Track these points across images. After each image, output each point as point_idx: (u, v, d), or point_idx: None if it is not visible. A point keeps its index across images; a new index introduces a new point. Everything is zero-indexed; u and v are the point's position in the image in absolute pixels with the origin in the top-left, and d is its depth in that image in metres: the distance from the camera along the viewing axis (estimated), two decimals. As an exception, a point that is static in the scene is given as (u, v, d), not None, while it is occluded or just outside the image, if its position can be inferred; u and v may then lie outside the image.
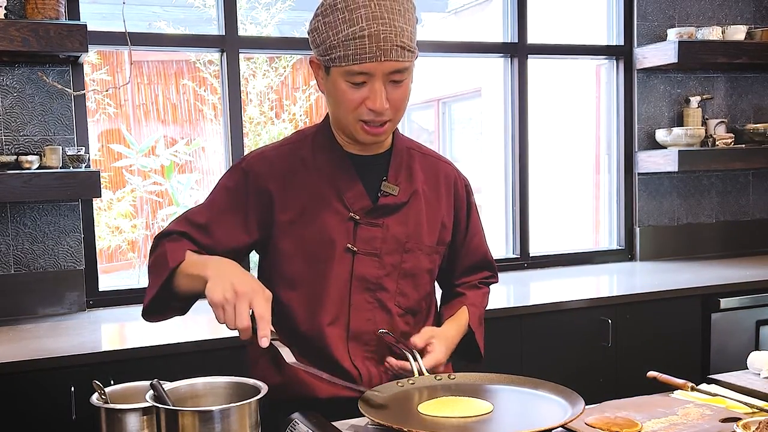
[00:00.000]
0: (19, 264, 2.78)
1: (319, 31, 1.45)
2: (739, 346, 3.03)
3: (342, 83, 1.44)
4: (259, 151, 1.60)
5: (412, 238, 1.58)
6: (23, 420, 2.19)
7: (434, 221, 1.62)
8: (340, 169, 1.55)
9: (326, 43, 1.43)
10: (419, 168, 1.62)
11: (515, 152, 3.57)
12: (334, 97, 1.48)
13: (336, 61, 1.42)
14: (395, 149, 1.60)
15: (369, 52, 1.39)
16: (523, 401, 1.40)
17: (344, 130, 1.52)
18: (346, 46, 1.39)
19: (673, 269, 3.48)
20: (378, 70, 1.40)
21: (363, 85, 1.43)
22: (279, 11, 5.66)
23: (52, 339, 2.44)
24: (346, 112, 1.47)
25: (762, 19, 3.87)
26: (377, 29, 1.38)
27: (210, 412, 1.12)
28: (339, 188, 1.54)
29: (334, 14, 1.41)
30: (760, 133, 3.65)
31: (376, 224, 1.55)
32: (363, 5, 1.39)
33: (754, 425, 1.19)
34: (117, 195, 5.60)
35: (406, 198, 1.58)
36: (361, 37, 1.38)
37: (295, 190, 1.54)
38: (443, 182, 1.66)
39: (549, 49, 3.73)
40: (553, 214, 6.13)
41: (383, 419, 1.27)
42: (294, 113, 5.95)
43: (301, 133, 1.63)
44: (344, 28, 1.39)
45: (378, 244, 1.55)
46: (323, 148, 1.56)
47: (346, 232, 1.53)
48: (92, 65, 5.32)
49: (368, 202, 1.54)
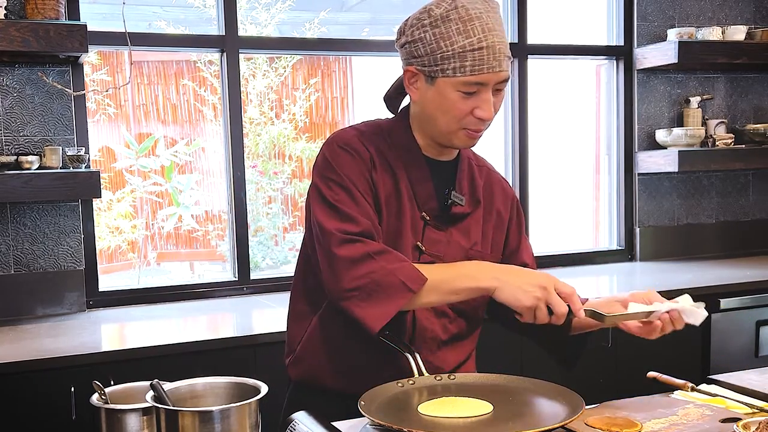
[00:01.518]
0: (19, 264, 2.78)
1: (426, 41, 1.45)
2: (739, 347, 3.03)
3: (453, 93, 1.46)
4: (350, 130, 1.56)
5: (475, 246, 1.61)
6: (23, 420, 2.19)
7: (490, 231, 1.65)
8: (417, 169, 1.56)
9: (435, 53, 1.44)
10: (478, 178, 1.65)
11: (515, 152, 3.57)
12: (441, 106, 1.48)
13: (449, 71, 1.44)
14: (461, 158, 1.63)
15: (486, 64, 1.42)
16: (523, 401, 1.40)
17: (440, 135, 1.53)
18: (462, 57, 1.42)
19: (673, 269, 3.48)
20: (492, 80, 1.45)
21: (472, 95, 1.46)
22: (279, 11, 5.65)
23: (52, 339, 2.44)
24: (453, 121, 1.49)
25: (762, 19, 3.87)
26: (492, 41, 1.42)
27: (210, 412, 1.12)
28: (413, 186, 1.55)
29: (446, 25, 1.43)
30: (760, 133, 3.64)
31: (442, 229, 1.57)
32: (477, 17, 1.42)
33: (754, 425, 1.19)
34: (117, 195, 5.60)
35: (470, 209, 1.61)
36: (480, 48, 1.42)
37: (380, 177, 1.53)
38: (499, 196, 1.69)
39: (549, 49, 3.73)
40: (553, 215, 6.12)
41: (383, 419, 1.27)
42: (294, 113, 5.95)
43: (376, 124, 1.61)
44: (460, 39, 1.42)
45: (442, 248, 1.57)
46: (400, 146, 1.57)
47: (416, 230, 1.55)
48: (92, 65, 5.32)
49: (437, 207, 1.57)
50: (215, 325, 2.77)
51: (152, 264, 5.64)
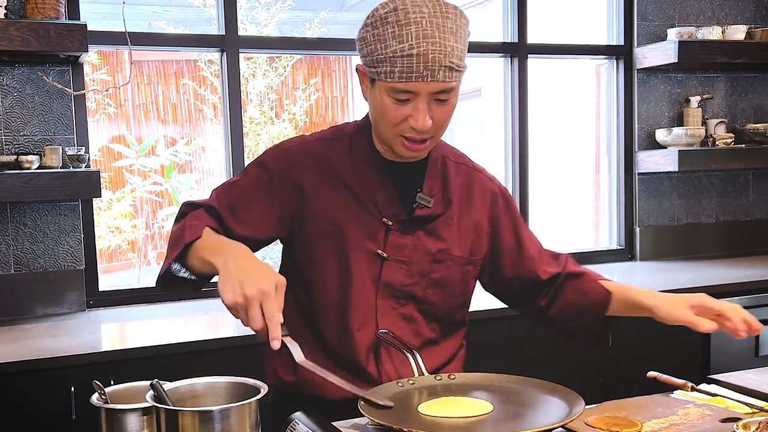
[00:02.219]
0: (19, 264, 2.78)
1: (367, 41, 1.41)
2: (739, 346, 3.03)
3: (386, 98, 1.41)
4: (301, 140, 1.57)
5: (444, 249, 1.56)
6: (23, 420, 2.19)
7: (467, 232, 1.59)
8: (376, 174, 1.52)
9: (373, 55, 1.39)
10: (453, 177, 1.59)
11: (515, 152, 3.57)
12: (377, 109, 1.45)
13: (381, 75, 1.39)
14: (430, 159, 1.57)
15: (416, 72, 1.35)
16: (523, 401, 1.40)
17: (384, 141, 1.50)
18: (392, 62, 1.36)
19: (673, 269, 3.48)
20: (423, 89, 1.37)
21: (407, 102, 1.40)
22: (279, 11, 5.65)
23: (52, 339, 2.44)
24: (388, 127, 1.44)
25: (762, 19, 3.87)
26: (426, 48, 1.34)
27: (210, 412, 1.12)
28: (373, 193, 1.52)
29: (383, 27, 1.37)
30: (760, 133, 3.64)
31: (409, 233, 1.53)
32: (414, 21, 1.35)
33: (754, 425, 1.19)
34: (117, 195, 5.60)
35: (440, 210, 1.55)
36: (410, 55, 1.35)
37: (330, 189, 1.51)
38: (478, 193, 1.62)
39: (549, 48, 3.73)
40: (553, 214, 6.13)
41: (383, 419, 1.27)
42: (294, 113, 5.95)
43: (340, 130, 1.59)
44: (393, 43, 1.36)
45: (408, 252, 1.53)
46: (361, 150, 1.54)
47: (377, 237, 1.51)
48: (92, 65, 5.32)
49: (401, 210, 1.52)
50: (215, 324, 2.77)
51: (152, 264, 5.64)
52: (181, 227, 1.45)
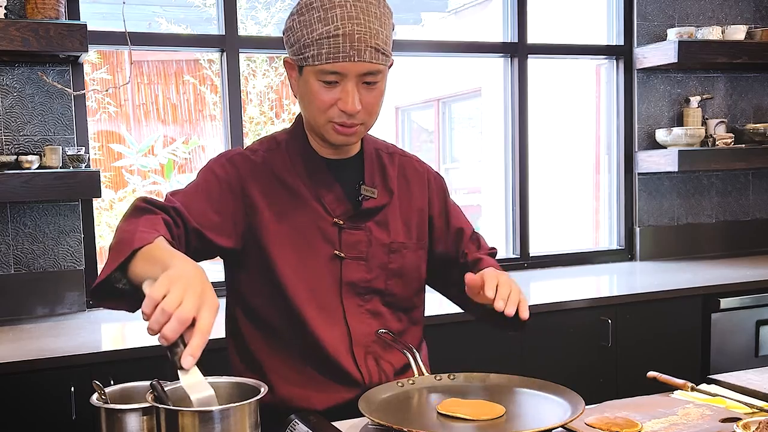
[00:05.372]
0: (19, 264, 2.78)
1: (294, 29, 1.43)
2: (739, 346, 3.03)
3: (314, 83, 1.42)
4: (241, 152, 1.56)
5: (396, 238, 1.58)
6: (23, 420, 2.19)
7: (411, 217, 1.62)
8: (317, 175, 1.53)
9: (300, 41, 1.41)
10: (389, 167, 1.62)
11: (515, 152, 3.57)
12: (306, 97, 1.46)
13: (309, 60, 1.40)
14: (365, 151, 1.59)
15: (342, 52, 1.37)
16: (522, 401, 1.40)
17: (316, 131, 1.50)
18: (319, 45, 1.38)
19: (673, 269, 3.48)
20: (351, 70, 1.39)
21: (335, 86, 1.41)
22: (279, 11, 5.66)
23: (52, 339, 2.43)
24: (318, 113, 1.45)
25: (762, 19, 3.87)
26: (352, 29, 1.37)
27: (210, 412, 1.12)
28: (319, 194, 1.52)
29: (309, 13, 1.40)
30: (760, 133, 3.65)
31: (360, 228, 1.54)
32: (339, 5, 1.38)
33: (754, 425, 1.19)
34: (118, 195, 5.60)
35: (385, 200, 1.58)
36: (336, 36, 1.37)
37: (278, 197, 1.51)
38: (414, 177, 1.65)
39: (549, 49, 3.73)
40: (553, 214, 6.13)
41: (383, 419, 1.27)
42: (294, 113, 5.95)
43: (272, 140, 1.59)
44: (319, 26, 1.38)
45: (363, 248, 1.54)
46: (299, 154, 1.54)
47: (331, 239, 1.52)
48: (92, 65, 5.32)
49: (349, 207, 1.53)
50: (215, 324, 2.77)
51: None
52: (128, 232, 1.29)
